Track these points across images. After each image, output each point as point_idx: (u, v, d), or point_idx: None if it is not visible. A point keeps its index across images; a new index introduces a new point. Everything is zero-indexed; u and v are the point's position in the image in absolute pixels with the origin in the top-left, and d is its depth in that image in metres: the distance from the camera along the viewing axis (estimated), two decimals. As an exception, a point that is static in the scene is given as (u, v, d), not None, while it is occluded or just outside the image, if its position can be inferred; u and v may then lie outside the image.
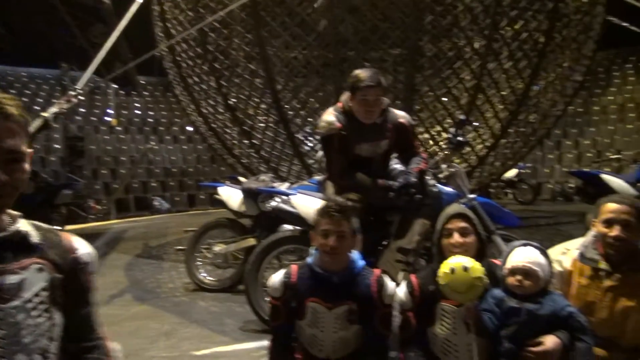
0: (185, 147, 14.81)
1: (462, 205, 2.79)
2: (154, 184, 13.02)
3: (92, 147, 13.11)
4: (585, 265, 2.17)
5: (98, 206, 11.31)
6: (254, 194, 4.45)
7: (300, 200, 3.86)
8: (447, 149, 3.85)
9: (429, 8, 6.40)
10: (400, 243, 3.08)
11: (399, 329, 2.16)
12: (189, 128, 14.35)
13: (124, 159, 13.59)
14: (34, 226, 1.14)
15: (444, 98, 6.90)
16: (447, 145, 3.86)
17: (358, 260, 2.12)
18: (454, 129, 3.88)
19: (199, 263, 4.87)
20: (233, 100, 7.12)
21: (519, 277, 2.01)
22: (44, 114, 5.00)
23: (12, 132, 1.05)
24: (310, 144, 6.94)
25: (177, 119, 15.36)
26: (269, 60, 6.35)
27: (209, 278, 4.85)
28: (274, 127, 6.91)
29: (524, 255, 2.04)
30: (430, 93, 6.86)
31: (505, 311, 2.00)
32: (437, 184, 3.34)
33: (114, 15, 8.13)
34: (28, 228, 1.12)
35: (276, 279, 2.12)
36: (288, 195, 4.17)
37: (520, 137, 7.39)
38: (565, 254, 2.25)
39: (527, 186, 11.34)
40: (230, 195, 4.72)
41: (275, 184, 4.52)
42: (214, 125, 7.55)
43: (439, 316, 2.06)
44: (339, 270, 2.06)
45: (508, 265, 2.06)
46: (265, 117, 7.02)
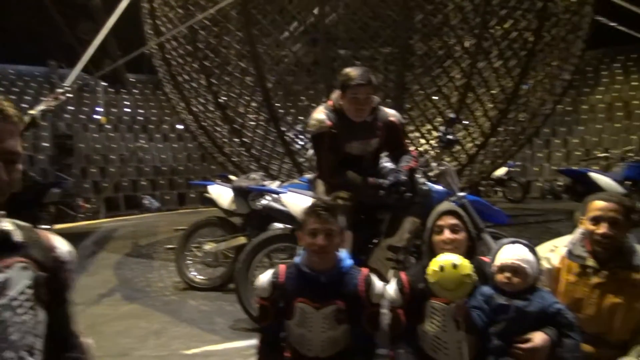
0: (175, 146, 14.73)
1: (453, 203, 2.80)
2: (143, 183, 12.94)
3: (81, 146, 12.99)
4: (573, 262, 2.19)
5: (87, 205, 11.22)
6: (245, 192, 4.44)
7: (291, 199, 3.85)
8: (438, 147, 3.87)
9: (419, 7, 6.42)
10: (390, 241, 3.09)
11: (389, 327, 2.16)
12: (179, 126, 14.28)
13: (113, 157, 13.48)
14: (15, 225, 1.14)
15: (434, 97, 6.93)
16: (438, 144, 3.88)
17: (345, 259, 2.12)
18: (444, 128, 3.89)
19: (189, 262, 4.85)
20: (223, 98, 7.09)
21: (507, 274, 2.03)
22: (31, 112, 4.95)
23: (12, 133, 1.07)
24: (301, 143, 6.94)
25: (167, 117, 15.26)
26: (260, 59, 6.33)
27: (199, 277, 4.83)
28: (265, 126, 6.90)
29: (512, 253, 2.06)
30: (420, 92, 6.88)
31: (494, 308, 2.01)
32: (427, 182, 3.34)
33: (103, 13, 8.08)
34: (10, 227, 1.12)
35: (264, 279, 2.11)
36: (278, 193, 4.16)
37: (509, 136, 7.43)
38: (554, 251, 2.27)
39: (517, 184, 11.42)
40: (221, 193, 4.70)
41: (265, 183, 4.51)
42: (204, 123, 7.52)
43: (428, 314, 2.06)
44: (327, 269, 2.06)
45: (497, 263, 2.07)
46: (255, 116, 7.01)
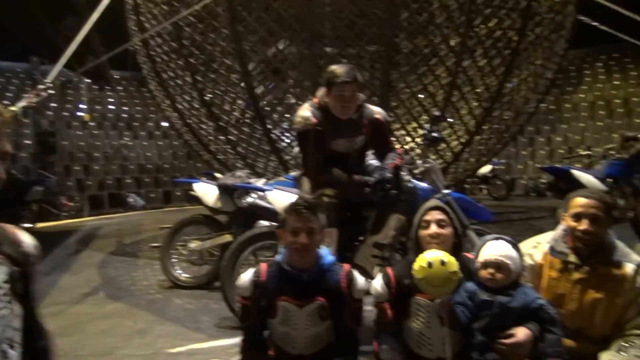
0: (160, 143, 14.62)
1: (438, 200, 2.82)
2: (128, 181, 12.84)
3: (64, 143, 12.82)
4: (555, 258, 2.22)
5: (70, 203, 11.10)
6: (230, 190, 4.42)
7: (277, 196, 3.85)
8: (423, 145, 3.89)
9: (404, 5, 6.44)
10: (376, 238, 3.10)
11: (375, 321, 2.17)
12: (164, 124, 14.18)
13: (97, 155, 13.35)
14: None
15: (420, 95, 6.96)
16: (423, 141, 3.90)
17: (326, 255, 2.12)
18: (429, 125, 3.92)
19: (175, 260, 4.81)
20: (209, 96, 7.05)
21: (491, 270, 2.05)
22: (12, 108, 4.87)
23: (2, 133, 1.11)
24: (287, 140, 6.93)
25: (152, 115, 15.14)
26: (245, 56, 6.30)
27: (184, 275, 4.80)
28: (251, 123, 6.87)
29: (496, 249, 2.08)
30: (406, 90, 6.91)
31: (478, 304, 2.03)
32: (413, 180, 3.36)
33: (87, 8, 7.97)
34: None
35: (245, 278, 2.10)
36: (264, 191, 4.16)
37: (494, 134, 7.50)
38: (536, 247, 2.29)
39: (501, 182, 11.54)
40: (206, 191, 4.67)
41: (251, 180, 4.49)
42: (189, 121, 7.47)
43: (413, 310, 2.07)
44: (308, 267, 2.06)
45: (480, 259, 2.09)
46: (241, 113, 6.98)
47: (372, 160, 3.22)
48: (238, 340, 2.19)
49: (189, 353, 3.20)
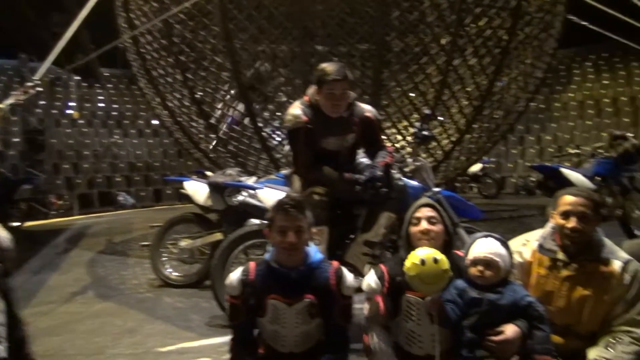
0: (150, 141, 14.53)
1: (428, 198, 2.83)
2: (118, 179, 12.75)
3: (53, 141, 12.72)
4: (544, 256, 2.23)
5: (59, 202, 11.00)
6: (221, 188, 4.40)
7: (267, 194, 3.84)
8: (413, 143, 3.90)
9: (395, 3, 6.45)
10: (366, 236, 3.11)
11: (367, 315, 2.16)
12: (155, 122, 14.09)
13: (87, 153, 13.23)
14: None
15: (411, 93, 6.97)
16: (413, 140, 3.91)
17: (315, 253, 2.12)
18: (419, 124, 3.93)
19: (165, 259, 4.78)
20: (199, 94, 7.01)
21: (480, 268, 2.06)
22: (0, 106, 4.82)
23: None
24: (278, 139, 6.91)
25: (143, 113, 15.05)
26: (236, 54, 6.28)
27: (174, 274, 4.77)
28: (241, 121, 6.85)
29: (485, 247, 2.08)
30: (397, 88, 6.92)
31: (467, 301, 2.04)
32: (403, 178, 3.37)
33: (76, 5, 7.88)
34: None
35: (234, 277, 2.10)
36: (255, 189, 4.15)
37: (484, 133, 7.53)
38: (525, 245, 2.31)
39: (491, 180, 11.60)
40: (197, 189, 4.65)
41: (242, 178, 4.48)
42: (179, 119, 7.43)
43: (404, 308, 2.08)
44: (297, 265, 2.06)
45: (470, 257, 2.10)
46: (232, 111, 6.94)
47: (363, 159, 3.23)
48: (228, 338, 2.18)
49: (179, 352, 3.19)
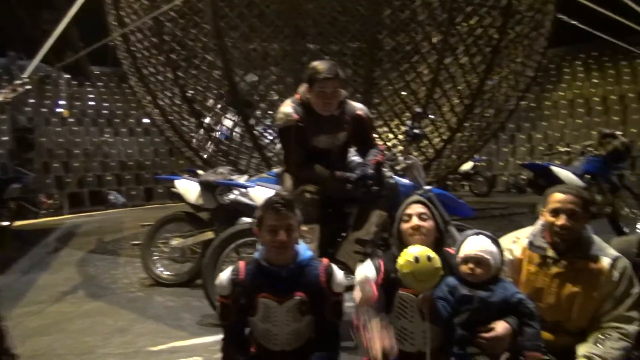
0: (141, 140, 14.44)
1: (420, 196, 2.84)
2: (109, 178, 12.66)
3: (43, 140, 12.61)
4: (534, 253, 2.25)
5: (49, 201, 10.91)
6: (212, 186, 4.39)
7: (259, 193, 3.84)
8: (405, 141, 3.91)
9: (387, 2, 6.45)
10: (358, 234, 3.12)
11: (357, 304, 2.12)
12: (146, 120, 14.01)
13: (77, 151, 13.12)
14: None
15: (402, 92, 6.99)
16: (405, 138, 3.92)
17: (305, 251, 2.12)
18: (410, 122, 3.94)
19: (156, 258, 4.76)
20: (190, 92, 6.98)
21: (471, 265, 2.06)
22: (-12, 105, 4.77)
23: None
24: (270, 137, 6.90)
25: (133, 111, 14.96)
26: (227, 52, 6.25)
27: (166, 273, 4.76)
28: (233, 120, 6.83)
29: (476, 244, 2.09)
30: (389, 87, 6.93)
31: (458, 299, 2.04)
32: (394, 176, 3.38)
33: (65, 2, 7.81)
34: None
35: (224, 277, 2.09)
36: (246, 187, 4.14)
37: (475, 131, 7.56)
38: (516, 242, 2.32)
39: (483, 178, 11.65)
40: (188, 188, 4.63)
41: (233, 177, 4.47)
42: (170, 117, 7.39)
43: (397, 304, 2.08)
44: (287, 263, 2.06)
45: (461, 254, 2.10)
46: (223, 109, 6.93)
47: (354, 157, 3.23)
48: (220, 337, 2.18)
49: (170, 351, 3.18)
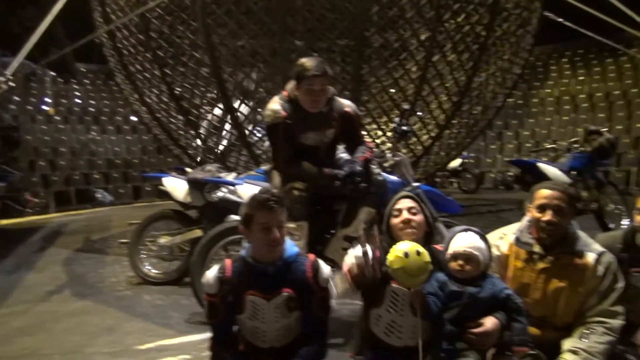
0: (129, 138, 14.32)
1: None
2: (96, 176, 12.54)
3: (28, 138, 12.47)
4: (521, 249, 2.27)
5: (35, 199, 10.78)
6: (200, 184, 4.36)
7: (247, 190, 3.83)
8: (393, 138, 3.92)
9: (375, -1, 6.45)
10: (346, 231, 3.12)
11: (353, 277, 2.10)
12: (133, 118, 13.90)
13: (63, 150, 12.98)
14: None
15: (390, 89, 7.00)
16: (393, 135, 3.93)
17: (291, 247, 2.11)
18: (398, 119, 3.95)
19: (144, 256, 4.72)
20: (178, 89, 6.93)
21: (460, 262, 2.07)
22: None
23: None
24: (259, 135, 6.87)
25: (121, 109, 14.83)
26: (215, 49, 6.22)
27: (153, 271, 4.71)
28: (221, 117, 6.79)
29: (465, 241, 2.10)
30: (377, 84, 6.93)
31: (448, 294, 2.05)
32: (382, 173, 3.38)
33: (50, -1, 7.72)
34: None
35: (210, 275, 2.07)
36: (234, 185, 4.13)
37: (463, 128, 7.60)
38: (503, 238, 2.34)
39: (471, 175, 11.71)
40: (176, 186, 4.60)
41: (221, 174, 4.45)
42: (158, 115, 7.33)
43: (388, 297, 2.08)
44: (274, 260, 2.05)
45: (450, 251, 2.11)
46: (211, 107, 6.89)
47: (342, 154, 3.23)
48: (208, 335, 2.17)
49: (158, 349, 3.16)
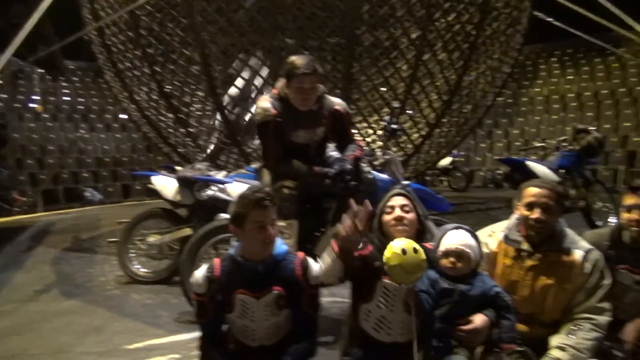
0: (118, 136, 14.23)
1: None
2: (85, 174, 12.43)
3: (16, 135, 12.34)
4: (509, 246, 2.28)
5: (23, 198, 10.67)
6: (190, 182, 4.34)
7: (237, 189, 3.82)
8: (383, 137, 3.93)
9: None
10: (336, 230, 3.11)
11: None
12: (122, 116, 13.79)
13: (52, 148, 12.86)
14: None
15: (381, 88, 7.01)
16: (383, 133, 3.94)
17: (280, 245, 2.11)
18: (388, 117, 3.96)
19: (133, 255, 4.69)
20: (168, 87, 6.89)
21: (452, 259, 2.07)
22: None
23: None
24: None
25: (110, 106, 14.72)
26: (205, 47, 6.18)
27: (143, 270, 4.69)
28: (211, 115, 6.77)
29: (457, 238, 2.10)
30: (367, 82, 6.94)
31: (439, 292, 2.05)
32: (372, 171, 3.39)
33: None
34: None
35: (199, 274, 2.06)
36: (224, 183, 4.11)
37: (453, 127, 7.63)
38: (491, 236, 2.35)
39: (461, 174, 11.78)
40: (165, 184, 4.57)
41: (211, 173, 4.43)
42: (148, 113, 7.29)
43: (379, 293, 2.06)
44: (264, 258, 2.04)
45: (441, 248, 2.10)
46: (201, 105, 6.86)
47: (333, 152, 3.22)
48: (197, 335, 2.16)
49: (147, 349, 3.14)
